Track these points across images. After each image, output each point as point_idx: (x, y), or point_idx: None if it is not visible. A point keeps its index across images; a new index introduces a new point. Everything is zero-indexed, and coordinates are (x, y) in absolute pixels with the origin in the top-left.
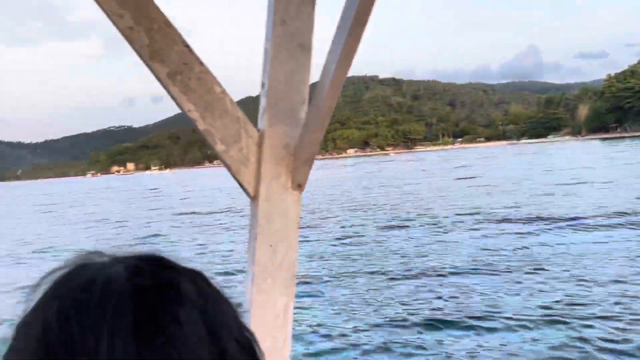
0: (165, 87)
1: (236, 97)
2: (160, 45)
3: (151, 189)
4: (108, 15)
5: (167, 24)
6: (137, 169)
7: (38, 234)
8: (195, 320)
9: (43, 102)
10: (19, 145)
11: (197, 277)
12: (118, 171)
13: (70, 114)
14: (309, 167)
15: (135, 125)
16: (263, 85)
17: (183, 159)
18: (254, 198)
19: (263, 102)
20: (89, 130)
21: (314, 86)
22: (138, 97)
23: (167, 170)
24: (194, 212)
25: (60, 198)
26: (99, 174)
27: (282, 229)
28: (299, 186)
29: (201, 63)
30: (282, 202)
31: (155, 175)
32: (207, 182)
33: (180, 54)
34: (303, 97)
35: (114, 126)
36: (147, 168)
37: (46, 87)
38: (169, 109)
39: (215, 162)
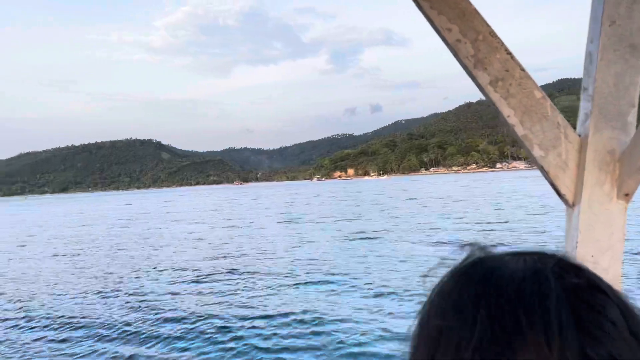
0: (486, 94)
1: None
2: (484, 55)
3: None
4: (438, 31)
5: (492, 34)
6: (356, 174)
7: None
8: (620, 319)
9: (279, 113)
10: (260, 151)
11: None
12: (340, 176)
13: (300, 124)
14: (638, 175)
15: (356, 133)
16: (585, 89)
17: (399, 166)
18: (572, 205)
19: (586, 106)
20: (315, 138)
21: None
22: (359, 106)
23: (385, 177)
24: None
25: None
26: (323, 178)
27: (606, 240)
28: (626, 195)
29: (522, 69)
30: (605, 211)
31: (373, 181)
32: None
33: (503, 62)
34: (632, 101)
35: (337, 134)
36: (366, 174)
37: (283, 101)
38: (386, 118)
39: (431, 169)
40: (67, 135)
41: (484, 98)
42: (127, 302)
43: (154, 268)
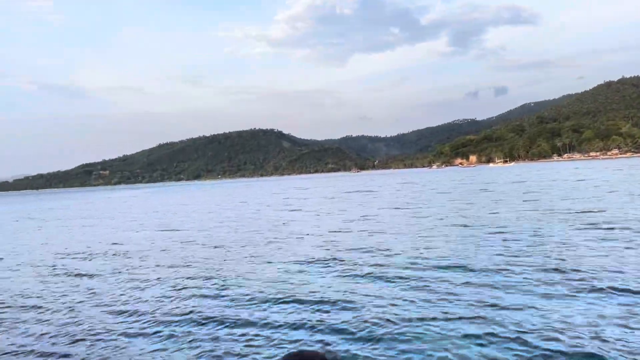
0: None
1: None
2: None
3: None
4: None
5: None
6: (479, 161)
7: None
8: None
9: (396, 100)
10: (376, 139)
11: None
12: (461, 163)
13: (418, 109)
14: None
15: (479, 118)
16: None
17: (527, 152)
18: None
19: None
20: (434, 124)
21: None
22: (481, 90)
23: (512, 163)
24: None
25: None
26: (443, 166)
27: None
28: None
29: None
30: None
31: (500, 168)
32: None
33: None
34: None
35: (458, 119)
36: (490, 160)
37: (400, 87)
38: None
39: (565, 155)
40: (199, 127)
41: (626, 76)
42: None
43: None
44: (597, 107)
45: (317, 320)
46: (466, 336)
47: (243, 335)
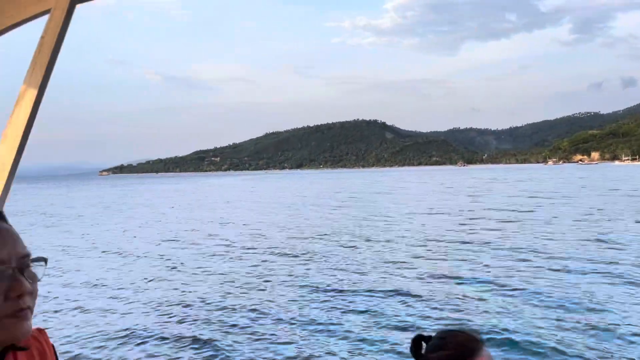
0: None
1: None
2: None
3: None
4: None
5: None
6: (602, 158)
7: None
8: None
9: (510, 91)
10: (486, 131)
11: None
12: (581, 160)
13: (534, 102)
14: None
15: (603, 111)
16: None
17: None
18: None
19: None
20: (552, 117)
21: None
22: (606, 81)
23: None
24: None
25: None
26: (560, 162)
27: None
28: None
29: None
30: None
31: (625, 166)
32: None
33: None
34: None
35: (578, 112)
36: (615, 158)
37: (514, 77)
38: None
39: None
40: (305, 117)
41: None
42: None
43: None
44: None
45: None
46: None
47: None
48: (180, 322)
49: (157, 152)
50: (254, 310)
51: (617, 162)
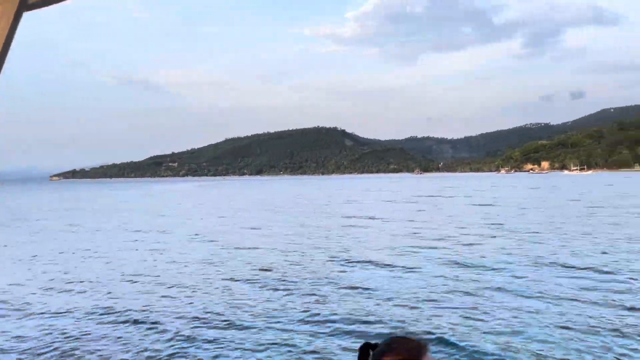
0: None
1: None
2: None
3: None
4: None
5: None
6: (552, 168)
7: None
8: None
9: (465, 101)
10: (443, 140)
11: None
12: (532, 169)
13: (488, 112)
14: None
15: (553, 122)
16: None
17: (606, 160)
18: None
19: None
20: (505, 127)
21: None
22: (556, 93)
23: (590, 171)
24: None
25: None
26: (512, 171)
27: None
28: None
29: None
30: None
31: (577, 177)
32: None
33: None
34: None
35: (530, 123)
36: (564, 167)
37: (469, 88)
38: (589, 106)
39: None
40: (265, 123)
41: None
42: None
43: None
44: None
45: None
46: None
47: None
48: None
49: (112, 156)
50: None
51: (565, 172)
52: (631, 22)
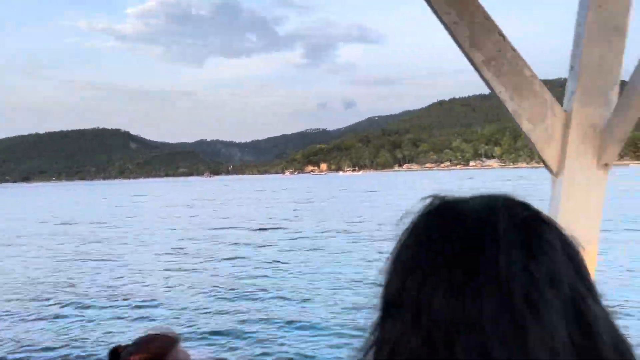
0: (479, 72)
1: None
2: (478, 36)
3: None
4: (436, 13)
5: (486, 17)
6: (329, 169)
7: None
8: (558, 244)
9: (253, 106)
10: (231, 144)
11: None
12: (313, 171)
13: (274, 117)
14: (617, 148)
15: (329, 128)
16: (572, 68)
17: (372, 162)
18: (556, 174)
19: (571, 84)
20: (289, 132)
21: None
22: (331, 101)
23: (361, 172)
24: None
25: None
26: (296, 173)
27: (584, 206)
28: (606, 166)
29: (514, 50)
30: (585, 180)
31: (348, 176)
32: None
33: (496, 43)
34: (615, 80)
35: (310, 128)
36: (339, 169)
37: (256, 93)
38: (359, 114)
39: (404, 166)
40: (32, 123)
41: (456, 97)
42: None
43: None
44: (432, 123)
45: None
46: None
47: None
48: None
49: None
50: None
51: (340, 173)
52: (390, 42)
